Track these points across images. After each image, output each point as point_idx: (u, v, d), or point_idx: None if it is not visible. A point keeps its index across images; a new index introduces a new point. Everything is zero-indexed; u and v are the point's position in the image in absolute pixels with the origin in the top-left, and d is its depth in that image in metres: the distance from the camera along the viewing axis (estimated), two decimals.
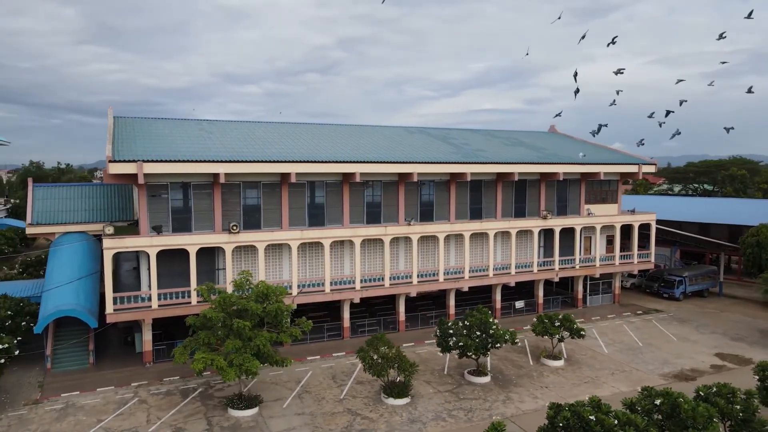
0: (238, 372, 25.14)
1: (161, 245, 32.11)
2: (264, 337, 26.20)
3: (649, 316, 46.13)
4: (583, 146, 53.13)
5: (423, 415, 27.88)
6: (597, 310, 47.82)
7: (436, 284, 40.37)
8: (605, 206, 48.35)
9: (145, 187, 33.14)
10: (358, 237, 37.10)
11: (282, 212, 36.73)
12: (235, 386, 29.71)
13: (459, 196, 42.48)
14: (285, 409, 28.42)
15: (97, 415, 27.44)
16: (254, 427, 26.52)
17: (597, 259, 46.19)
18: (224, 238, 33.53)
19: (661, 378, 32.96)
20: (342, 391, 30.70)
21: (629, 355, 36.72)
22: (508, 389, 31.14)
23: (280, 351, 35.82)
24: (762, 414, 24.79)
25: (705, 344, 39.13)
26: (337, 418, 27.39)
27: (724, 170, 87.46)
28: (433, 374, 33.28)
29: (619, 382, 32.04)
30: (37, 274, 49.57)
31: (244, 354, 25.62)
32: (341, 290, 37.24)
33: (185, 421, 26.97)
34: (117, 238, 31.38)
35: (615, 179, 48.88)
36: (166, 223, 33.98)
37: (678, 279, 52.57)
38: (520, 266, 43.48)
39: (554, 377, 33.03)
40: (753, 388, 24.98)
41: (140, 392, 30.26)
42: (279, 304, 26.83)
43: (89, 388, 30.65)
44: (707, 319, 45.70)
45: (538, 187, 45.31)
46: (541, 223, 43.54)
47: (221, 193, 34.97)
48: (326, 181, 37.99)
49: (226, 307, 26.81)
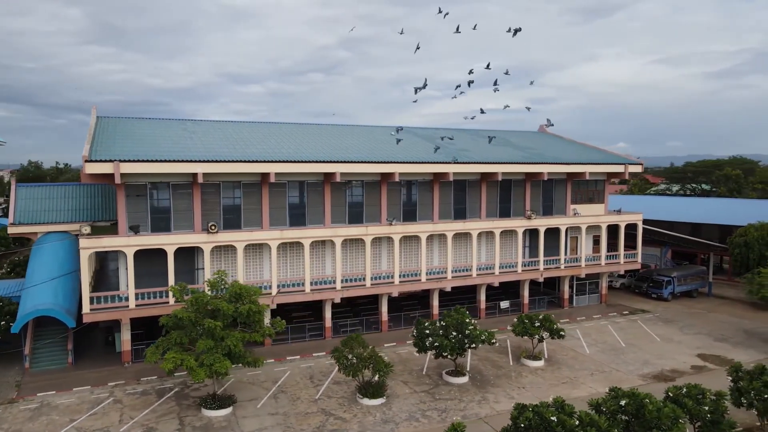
0: (208, 372, 25.13)
1: (138, 245, 32.13)
2: (235, 337, 26.19)
3: (635, 317, 45.98)
4: (571, 146, 53.06)
5: (397, 415, 27.82)
6: (583, 310, 47.68)
7: (419, 284, 40.32)
8: (592, 206, 48.20)
9: (124, 186, 33.17)
10: (339, 237, 37.07)
11: (262, 212, 36.72)
12: (211, 386, 29.70)
13: (443, 196, 42.41)
14: (259, 409, 28.39)
15: (71, 415, 27.46)
16: (226, 426, 26.49)
17: (582, 259, 46.06)
18: (203, 238, 33.54)
19: (640, 378, 32.83)
20: (318, 391, 30.67)
21: (611, 356, 36.59)
22: (485, 390, 31.06)
23: (262, 351, 35.95)
24: (733, 415, 24.71)
25: (688, 345, 38.97)
26: (310, 418, 27.36)
27: (718, 170, 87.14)
28: (411, 374, 33.22)
29: (598, 383, 31.90)
30: (24, 274, 49.59)
31: (215, 354, 25.60)
32: (321, 290, 37.21)
33: (158, 420, 26.97)
34: (93, 237, 31.40)
35: (602, 179, 48.71)
36: (145, 222, 34.01)
37: (666, 279, 52.39)
38: (505, 266, 43.39)
39: (533, 378, 32.92)
40: (727, 389, 24.89)
41: (116, 392, 30.29)
42: (251, 304, 26.77)
43: (65, 388, 30.68)
44: (693, 319, 45.52)
45: (524, 187, 45.21)
46: (525, 224, 43.43)
47: (201, 193, 34.97)
48: (307, 181, 37.97)
49: (200, 307, 26.79)
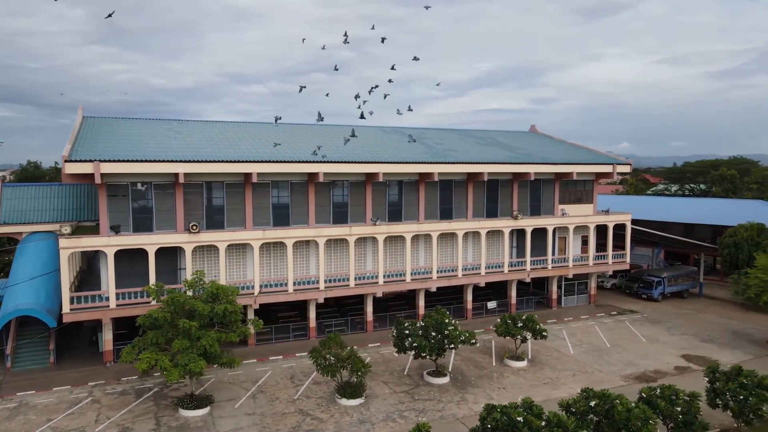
0: (183, 372, 25.10)
1: (118, 245, 32.16)
2: (211, 337, 26.17)
3: (623, 317, 45.83)
4: (561, 146, 52.95)
5: (374, 415, 27.76)
6: (571, 310, 47.55)
7: (404, 285, 40.26)
8: (580, 206, 48.08)
9: (105, 186, 33.20)
10: (322, 237, 37.03)
11: (246, 212, 36.72)
12: (190, 386, 29.66)
13: (428, 196, 42.36)
14: (236, 409, 28.37)
15: (48, 415, 27.48)
16: (202, 426, 26.48)
17: (570, 259, 45.93)
18: (184, 237, 33.54)
19: (622, 379, 32.72)
20: (298, 391, 30.64)
21: (594, 356, 36.47)
22: (465, 390, 30.97)
23: (245, 351, 36.02)
24: (710, 416, 24.63)
25: (674, 345, 38.82)
26: (286, 419, 27.32)
27: (714, 170, 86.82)
28: (392, 375, 33.15)
29: (579, 384, 31.68)
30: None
31: (191, 354, 25.58)
32: (305, 290, 37.17)
33: (134, 420, 26.96)
34: (73, 237, 31.44)
35: (590, 179, 48.59)
36: (127, 222, 34.04)
37: (656, 280, 52.22)
38: (491, 267, 43.30)
39: (514, 378, 32.83)
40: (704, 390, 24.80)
41: (95, 392, 30.30)
42: (227, 305, 26.74)
43: (45, 388, 30.71)
44: (681, 320, 45.36)
45: (511, 187, 45.12)
46: (512, 224, 43.34)
47: (183, 193, 34.98)
48: (291, 181, 37.96)
49: (177, 308, 26.78)
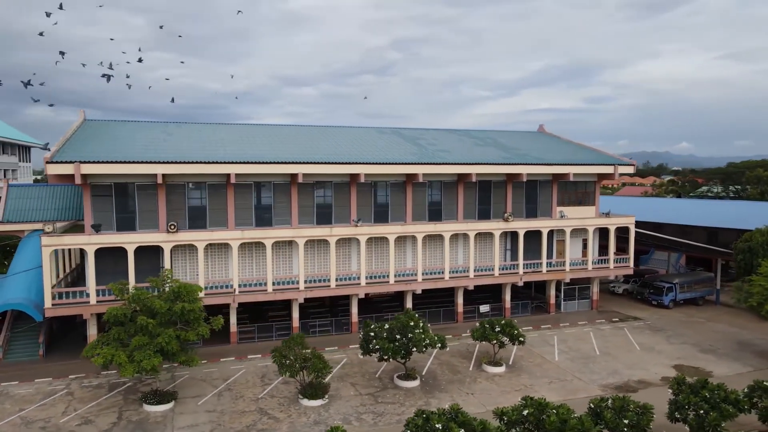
0: (137, 368, 25.70)
1: (98, 243, 33.27)
2: (168, 335, 26.70)
3: (623, 324, 43.99)
4: (568, 146, 51.41)
5: (331, 417, 27.64)
6: (570, 316, 46.00)
7: (387, 286, 39.95)
8: (581, 209, 46.49)
9: (90, 187, 34.44)
10: (302, 237, 37.21)
11: (228, 212, 37.31)
12: (157, 382, 30.30)
13: (416, 197, 41.91)
14: (199, 406, 28.82)
15: (22, 405, 28.68)
16: (161, 422, 27.02)
17: (567, 263, 44.43)
18: (162, 237, 34.38)
19: (599, 388, 31.40)
20: (264, 390, 30.87)
21: (579, 364, 35.15)
22: (432, 394, 30.44)
23: (226, 349, 36.75)
24: (670, 430, 23.40)
25: (669, 355, 36.97)
26: (243, 417, 27.55)
27: (749, 171, 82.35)
28: (363, 377, 32.93)
29: (552, 392, 30.66)
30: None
31: (147, 351, 26.18)
32: (284, 290, 37.43)
33: (99, 413, 27.79)
34: (54, 236, 32.76)
35: (592, 180, 46.92)
36: (111, 222, 35.17)
37: (667, 286, 49.92)
38: (482, 269, 42.43)
39: (487, 384, 32.02)
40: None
41: (72, 385, 31.42)
42: (185, 303, 27.22)
43: (28, 379, 32.07)
44: (686, 328, 43.15)
45: (504, 189, 44.07)
46: (502, 226, 42.32)
47: (165, 194, 35.86)
48: (274, 182, 38.31)
49: (139, 305, 27.47)
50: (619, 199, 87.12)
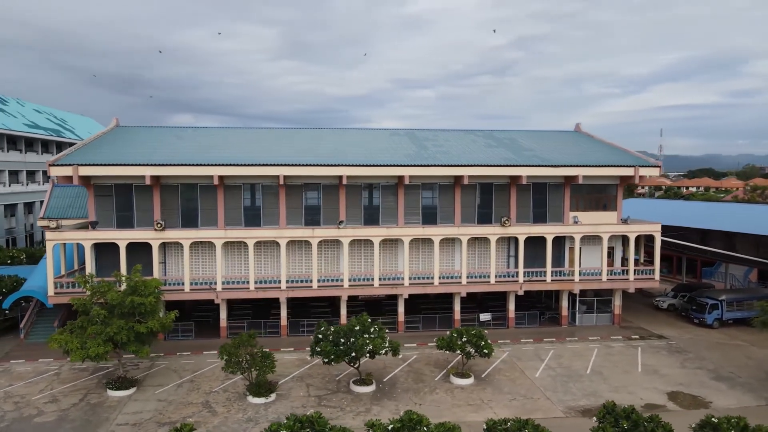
0: (84, 355, 27.85)
1: (94, 239, 36.40)
2: (118, 325, 28.63)
3: (641, 343, 39.73)
4: (601, 146, 47.53)
5: (265, 416, 27.99)
6: (584, 330, 42.39)
7: (372, 289, 39.48)
8: (599, 214, 42.71)
9: (93, 187, 37.80)
10: (284, 238, 37.93)
11: (218, 212, 39.04)
12: (141, 370, 32.42)
13: (409, 200, 41.01)
14: (155, 394, 30.52)
15: (12, 381, 32.22)
16: (114, 406, 28.95)
17: (576, 272, 41.00)
18: (150, 234, 36.79)
19: (563, 411, 28.78)
20: (221, 384, 31.95)
21: (558, 383, 32.41)
22: (380, 402, 29.69)
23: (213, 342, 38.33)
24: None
25: (671, 380, 32.90)
26: (185, 409, 28.72)
27: None
28: (323, 379, 32.89)
29: (507, 409, 28.60)
30: None
31: (97, 339, 28.29)
32: (266, 289, 38.38)
33: (68, 394, 30.41)
34: (57, 231, 36.36)
35: (613, 183, 42.91)
36: (111, 220, 38.32)
37: (711, 302, 44.31)
38: (477, 276, 40.50)
39: (443, 396, 30.60)
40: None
41: (64, 366, 34.65)
42: (134, 297, 29.00)
43: (33, 359, 35.91)
44: (715, 351, 38.07)
45: (508, 192, 41.71)
46: (499, 231, 40.06)
47: (160, 194, 38.34)
48: (262, 184, 39.46)
49: (98, 297, 29.79)
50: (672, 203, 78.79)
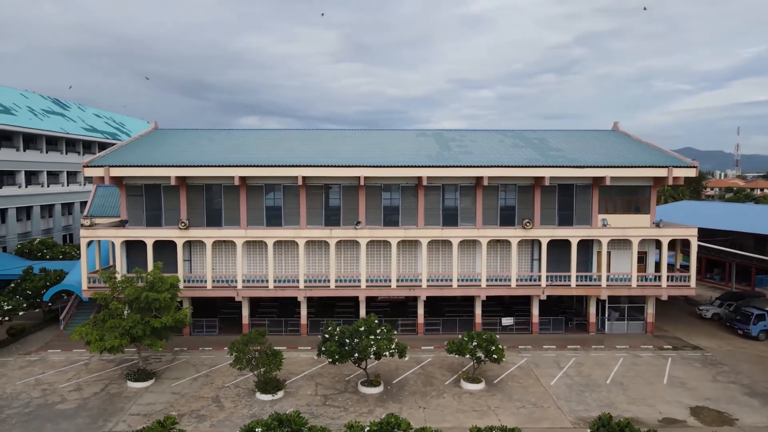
0: (102, 347, 29.31)
1: (123, 237, 38.23)
2: (133, 319, 29.96)
3: (672, 354, 37.61)
4: (637, 146, 45.44)
5: (270, 413, 28.45)
6: (613, 338, 40.57)
7: (389, 290, 39.35)
8: (631, 217, 40.77)
9: (125, 187, 39.71)
10: (302, 238, 38.46)
11: (240, 212, 40.09)
12: (162, 362, 33.80)
13: (430, 201, 40.63)
14: (171, 387, 31.72)
15: (45, 369, 34.35)
16: (131, 397, 30.31)
17: (603, 278, 39.29)
18: (175, 233, 38.24)
19: (572, 423, 27.70)
20: (234, 380, 32.79)
21: (571, 392, 31.20)
22: (384, 404, 29.59)
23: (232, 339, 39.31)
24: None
25: (696, 395, 30.98)
26: (196, 402, 29.68)
27: None
28: (333, 378, 33.12)
29: (513, 418, 27.87)
30: None
31: (115, 332, 29.72)
32: (285, 288, 39.05)
33: (91, 383, 32.12)
34: (90, 229, 38.42)
35: (646, 185, 40.83)
36: (142, 218, 40.12)
37: (757, 313, 41.44)
38: (497, 279, 39.61)
39: (449, 400, 30.13)
40: None
41: (93, 357, 36.58)
42: (148, 292, 30.23)
43: (68, 348, 38.14)
44: (754, 365, 35.53)
45: (532, 193, 40.53)
46: (521, 233, 38.96)
47: (186, 194, 39.80)
48: (284, 185, 40.18)
49: (121, 293, 31.28)
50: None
